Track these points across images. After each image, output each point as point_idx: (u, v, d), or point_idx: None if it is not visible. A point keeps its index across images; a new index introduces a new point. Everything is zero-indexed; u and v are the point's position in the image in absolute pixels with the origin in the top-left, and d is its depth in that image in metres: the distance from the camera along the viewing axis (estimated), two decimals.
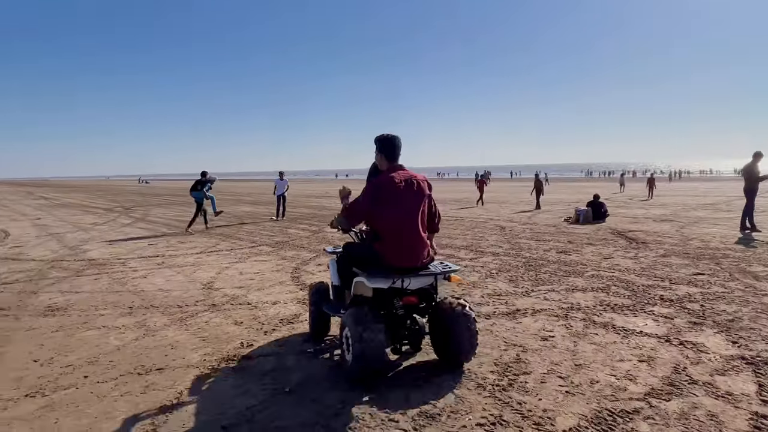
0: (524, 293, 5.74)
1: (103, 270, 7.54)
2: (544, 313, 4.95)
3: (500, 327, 4.52)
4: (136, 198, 31.01)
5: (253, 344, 4.18)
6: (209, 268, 7.60)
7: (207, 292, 6.05)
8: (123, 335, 4.46)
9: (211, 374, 3.57)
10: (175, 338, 4.35)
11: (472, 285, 6.19)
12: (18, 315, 5.18)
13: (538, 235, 10.87)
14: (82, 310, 5.30)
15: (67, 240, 11.16)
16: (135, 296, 5.88)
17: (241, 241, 10.62)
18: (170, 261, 8.24)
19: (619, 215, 15.04)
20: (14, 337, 4.46)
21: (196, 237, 11.40)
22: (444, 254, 8.47)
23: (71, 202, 27.82)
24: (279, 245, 9.88)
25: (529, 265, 7.36)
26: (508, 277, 6.62)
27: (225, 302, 5.54)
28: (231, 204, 23.46)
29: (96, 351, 4.07)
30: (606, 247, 9.04)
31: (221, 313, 5.11)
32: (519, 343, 4.11)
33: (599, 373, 3.49)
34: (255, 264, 7.88)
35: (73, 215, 18.31)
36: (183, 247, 9.87)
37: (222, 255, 8.78)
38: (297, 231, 12.26)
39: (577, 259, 7.86)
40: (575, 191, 31.60)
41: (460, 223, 13.67)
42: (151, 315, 5.09)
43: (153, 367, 3.71)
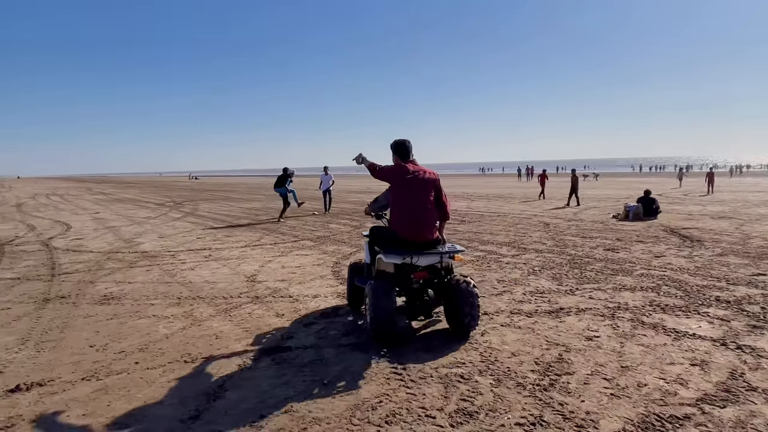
0: (568, 291, 5.57)
1: (155, 262, 7.89)
2: (589, 312, 4.78)
3: (542, 326, 4.40)
4: (186, 193, 32.26)
5: (293, 336, 4.26)
6: (253, 261, 7.80)
7: (250, 284, 6.21)
8: (171, 324, 4.65)
9: (253, 364, 3.67)
10: (219, 328, 4.50)
11: (513, 282, 6.06)
12: (77, 303, 5.49)
13: (585, 231, 10.52)
14: (134, 300, 5.56)
15: (122, 233, 11.74)
16: (183, 287, 6.12)
17: (284, 235, 10.85)
18: (216, 254, 8.52)
19: (673, 212, 14.34)
20: (73, 324, 4.74)
21: (242, 231, 11.74)
22: (485, 250, 8.34)
23: (127, 197, 29.26)
24: (320, 240, 10.02)
25: (574, 263, 7.13)
26: (552, 274, 6.44)
27: (267, 295, 5.68)
28: (275, 199, 23.96)
29: (146, 339, 4.26)
30: (657, 244, 8.64)
31: (263, 305, 5.24)
32: (562, 342, 3.99)
33: (647, 375, 3.34)
34: (297, 258, 8.02)
35: (128, 210, 19.24)
36: (229, 240, 10.18)
37: (265, 249, 9.00)
38: (338, 226, 12.39)
39: (625, 257, 7.55)
40: (624, 187, 30.35)
41: (503, 219, 13.41)
42: (197, 306, 5.28)
43: (198, 355, 3.85)
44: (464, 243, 9.24)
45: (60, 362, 3.78)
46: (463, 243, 9.25)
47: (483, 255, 7.95)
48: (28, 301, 5.57)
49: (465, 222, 12.75)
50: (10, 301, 5.61)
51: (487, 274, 6.56)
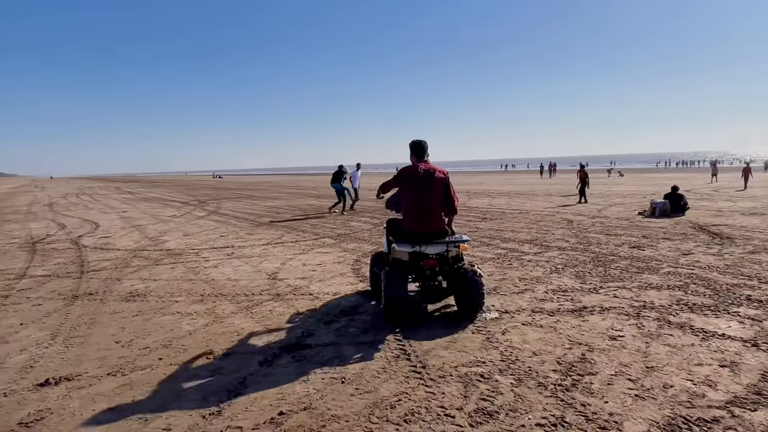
0: (592, 290, 5.46)
1: (179, 259, 8.04)
2: (613, 311, 4.68)
3: (565, 324, 4.33)
4: (210, 192, 32.79)
5: (314, 334, 4.28)
6: (274, 259, 7.88)
7: (272, 282, 6.28)
8: (194, 321, 4.74)
9: (274, 361, 3.70)
10: (241, 325, 4.56)
11: (535, 280, 5.98)
12: (104, 299, 5.64)
13: (609, 228, 10.31)
14: (159, 297, 5.68)
15: (148, 231, 12.00)
16: (206, 285, 6.22)
17: (305, 233, 10.92)
18: (239, 252, 8.64)
19: (702, 208, 13.94)
20: (100, 320, 4.87)
21: (264, 229, 11.87)
22: (507, 248, 8.25)
23: (153, 196, 29.91)
24: (341, 238, 10.06)
25: (598, 261, 6.99)
26: (575, 272, 6.33)
27: (288, 292, 5.73)
28: (297, 198, 24.22)
29: (170, 335, 4.35)
30: (685, 242, 8.41)
31: (284, 303, 5.29)
32: (585, 341, 3.92)
33: (674, 377, 3.25)
34: (317, 256, 8.07)
35: (154, 208, 19.66)
36: (251, 238, 10.31)
37: (287, 246, 9.08)
38: (358, 224, 12.42)
39: (651, 254, 7.37)
40: (651, 183, 29.64)
41: (525, 216, 13.24)
42: (220, 303, 5.36)
43: (220, 352, 3.91)
44: (485, 240, 9.16)
45: (87, 357, 3.89)
46: (484, 240, 9.17)
47: (504, 252, 7.86)
48: (58, 298, 5.74)
49: (486, 219, 12.63)
50: (41, 297, 5.79)
51: (509, 272, 6.49)
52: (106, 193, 34.20)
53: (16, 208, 21.15)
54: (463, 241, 4.63)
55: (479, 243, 8.88)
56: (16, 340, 4.34)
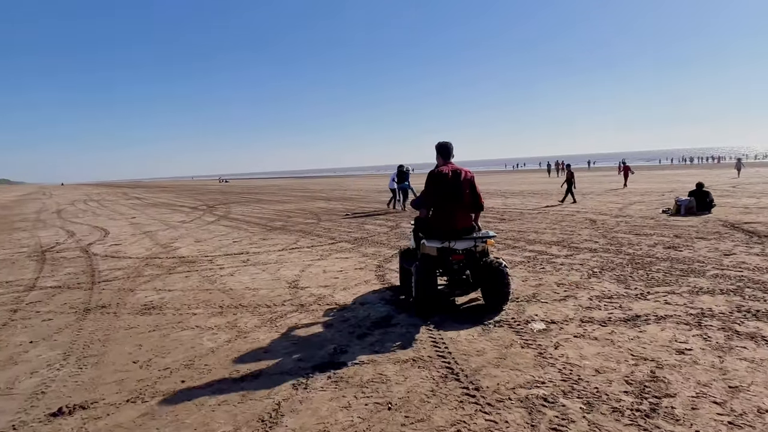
0: (639, 296, 5.08)
1: (193, 267, 7.72)
2: (670, 320, 4.30)
3: (621, 336, 3.95)
4: (218, 196, 32.57)
5: (347, 350, 3.93)
6: (292, 265, 7.54)
7: (293, 291, 5.93)
8: (216, 336, 4.40)
9: (308, 384, 3.35)
10: (266, 341, 4.21)
11: (574, 285, 5.59)
12: (118, 313, 5.31)
13: (636, 228, 9.89)
14: (175, 309, 5.35)
15: (158, 238, 11.71)
16: (224, 295, 5.88)
17: (321, 237, 10.58)
18: (254, 258, 8.31)
19: (726, 205, 13.47)
20: (114, 336, 4.54)
21: (277, 234, 11.54)
22: (535, 251, 7.87)
23: (160, 201, 29.71)
24: (358, 242, 9.71)
25: (636, 263, 6.60)
26: (615, 276, 5.94)
27: (312, 302, 5.38)
28: (306, 201, 23.90)
29: (191, 353, 4.01)
30: (722, 241, 7.99)
31: (310, 314, 4.94)
32: (650, 356, 3.54)
33: (765, 398, 2.87)
34: (337, 261, 7.73)
35: (163, 214, 19.40)
36: (265, 244, 9.98)
37: (303, 252, 8.74)
38: (374, 227, 12.07)
39: (690, 255, 6.97)
40: (663, 180, 29.11)
41: (545, 216, 12.85)
42: (241, 315, 5.02)
43: (248, 372, 3.56)
44: (510, 242, 8.79)
45: (103, 381, 3.55)
46: (508, 242, 8.80)
47: (533, 255, 7.48)
48: (69, 312, 5.42)
49: (505, 220, 12.25)
50: (51, 311, 5.47)
51: (543, 276, 6.11)
52: (114, 199, 34.05)
53: (24, 216, 20.96)
54: (490, 237, 4.87)
55: (504, 245, 8.50)
56: (26, 361, 4.02)
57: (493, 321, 4.45)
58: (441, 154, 5.02)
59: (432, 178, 4.89)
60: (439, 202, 4.86)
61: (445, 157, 5.00)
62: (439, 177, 4.85)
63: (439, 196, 4.83)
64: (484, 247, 4.86)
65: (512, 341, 3.94)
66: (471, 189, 4.88)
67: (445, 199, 4.81)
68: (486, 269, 4.73)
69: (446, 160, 4.99)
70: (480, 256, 4.85)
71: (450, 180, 4.82)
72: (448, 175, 4.83)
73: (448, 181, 4.81)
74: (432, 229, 4.88)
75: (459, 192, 4.80)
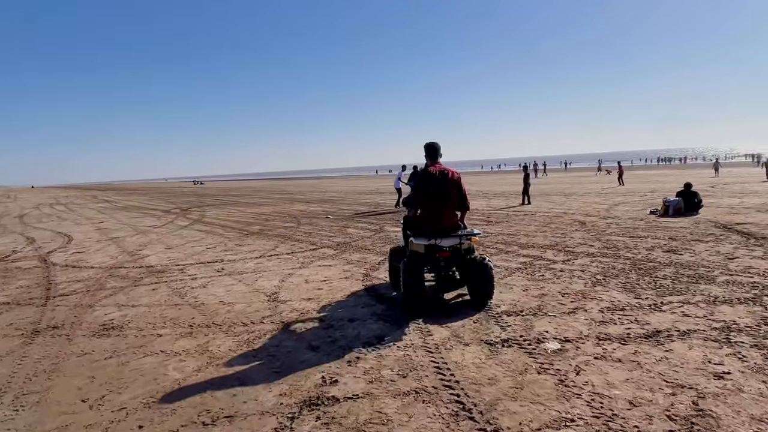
0: (652, 306, 4.67)
1: (162, 278, 7.05)
2: (694, 335, 3.88)
3: (647, 357, 3.51)
4: (192, 199, 31.47)
5: (338, 379, 3.38)
6: (271, 275, 6.94)
7: (273, 305, 5.35)
8: (184, 364, 3.79)
9: (293, 426, 2.80)
10: (242, 369, 3.63)
11: (580, 295, 5.17)
12: (71, 334, 4.65)
13: (629, 230, 9.59)
14: (138, 329, 4.71)
15: (126, 244, 10.92)
16: (195, 311, 5.27)
17: (301, 243, 9.98)
18: (230, 267, 7.67)
19: (711, 205, 13.34)
20: (64, 365, 3.89)
21: (254, 239, 10.88)
22: (529, 255, 7.45)
23: (131, 204, 28.53)
24: (341, 247, 9.15)
25: (639, 268, 6.23)
26: (620, 283, 5.54)
27: (294, 319, 4.81)
28: (284, 203, 23.18)
29: (153, 387, 3.40)
30: (720, 244, 7.71)
31: (292, 334, 4.37)
32: (686, 382, 3.10)
33: None
34: (320, 270, 7.16)
35: (133, 218, 18.46)
36: (242, 250, 9.32)
37: (283, 259, 8.14)
38: (356, 231, 11.52)
39: (693, 259, 6.63)
40: (641, 180, 29.29)
41: (532, 218, 12.50)
42: (213, 336, 4.43)
43: (220, 413, 2.98)
44: (501, 246, 8.35)
45: (42, 427, 2.93)
46: (500, 246, 8.36)
47: (529, 261, 7.05)
48: (14, 334, 4.74)
49: (492, 222, 11.85)
50: None
51: (545, 285, 5.67)
52: (82, 203, 32.63)
53: None
54: (474, 234, 5.03)
55: (496, 250, 8.06)
56: None
57: (500, 340, 3.96)
58: (428, 154, 5.14)
59: (420, 178, 5.03)
60: (426, 202, 4.98)
61: (433, 157, 5.12)
62: (426, 177, 4.97)
63: (426, 196, 4.96)
64: (470, 244, 5.04)
65: (526, 365, 3.46)
66: (457, 189, 5.04)
67: (432, 198, 4.94)
68: (471, 265, 4.91)
69: (434, 161, 5.12)
70: (465, 254, 5.01)
71: (437, 180, 4.95)
72: (435, 175, 4.96)
73: (435, 181, 4.95)
74: (420, 227, 5.03)
75: (446, 192, 4.96)
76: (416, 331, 4.28)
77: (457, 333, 4.19)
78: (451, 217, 5.06)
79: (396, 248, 5.79)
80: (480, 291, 4.89)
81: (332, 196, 27.11)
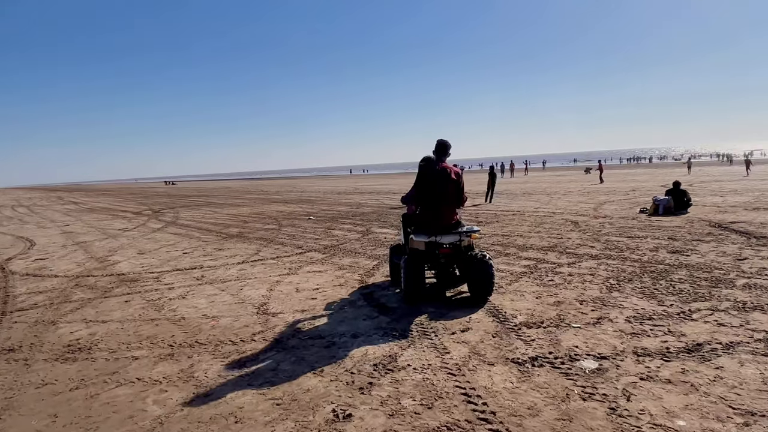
0: (681, 314, 4.32)
1: (135, 288, 6.39)
2: (740, 348, 3.52)
3: (699, 377, 3.12)
4: (165, 200, 30.29)
5: (352, 413, 2.88)
6: (258, 283, 6.37)
7: (263, 318, 4.80)
8: (165, 395, 3.23)
9: None
10: (237, 402, 3.09)
11: (599, 302, 4.78)
12: (29, 359, 4.01)
13: (624, 230, 9.34)
14: (110, 351, 4.11)
15: (94, 250, 10.13)
16: (175, 326, 4.68)
17: (285, 246, 9.39)
18: (210, 274, 7.05)
19: (698, 204, 13.28)
20: (19, 400, 3.27)
21: (234, 243, 10.23)
22: (531, 258, 7.07)
23: (100, 206, 27.24)
24: (329, 251, 8.61)
25: (650, 272, 5.90)
26: (637, 289, 5.19)
27: (290, 335, 4.28)
28: (262, 204, 22.42)
29: (129, 429, 2.83)
30: (723, 244, 7.48)
31: (290, 354, 3.84)
32: (754, 408, 2.71)
33: None
34: (310, 276, 6.61)
35: (102, 220, 17.47)
36: (222, 255, 8.69)
37: (268, 265, 7.55)
38: (342, 232, 10.99)
39: (702, 261, 6.35)
40: (619, 179, 29.56)
41: (521, 217, 12.20)
42: (198, 358, 3.86)
43: None
44: (499, 248, 7.97)
45: None
46: (497, 248, 7.97)
47: (533, 264, 6.66)
48: None
49: (482, 223, 11.49)
50: None
51: (557, 291, 5.28)
52: (47, 204, 31.08)
53: None
54: (474, 231, 5.08)
55: (494, 252, 7.66)
56: None
57: (528, 358, 3.52)
58: (438, 151, 5.14)
59: (421, 176, 5.06)
60: (426, 199, 5.03)
61: (441, 154, 5.14)
62: (428, 174, 5.02)
63: (427, 193, 5.01)
64: (469, 241, 5.06)
65: (566, 390, 3.02)
66: (455, 185, 5.04)
67: (432, 196, 4.98)
68: (471, 262, 4.90)
69: (440, 158, 5.14)
70: (465, 250, 5.04)
71: (438, 178, 4.99)
72: (437, 173, 5.00)
73: (436, 179, 4.99)
74: (420, 224, 5.07)
75: (445, 190, 4.99)
76: (430, 348, 3.80)
77: (478, 350, 3.74)
78: (451, 215, 5.06)
79: (396, 246, 5.89)
80: (480, 288, 4.89)
81: (311, 196, 26.46)
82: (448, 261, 5.09)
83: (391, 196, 23.40)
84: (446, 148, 5.14)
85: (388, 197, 22.93)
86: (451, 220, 5.05)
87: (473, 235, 5.07)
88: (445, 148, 5.14)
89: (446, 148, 5.14)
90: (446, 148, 5.14)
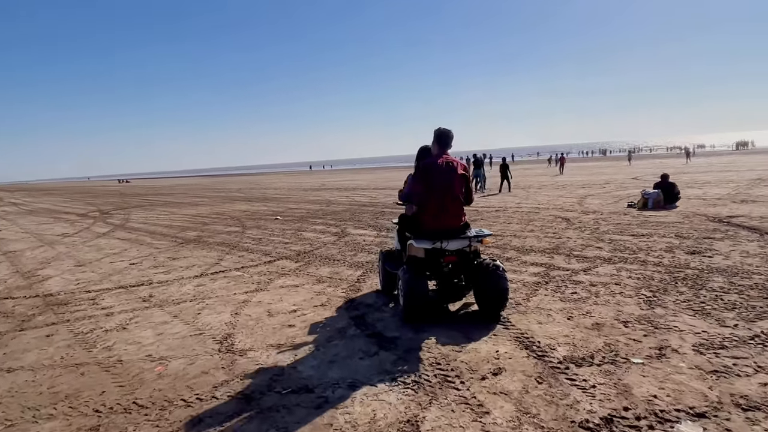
0: (756, 339, 3.48)
1: (63, 315, 5.10)
2: None
3: None
4: (116, 200, 28.09)
5: None
6: (219, 304, 5.20)
7: (228, 359, 3.67)
8: None
9: None
10: None
11: (648, 324, 3.90)
12: None
13: (622, 227, 8.64)
14: (5, 425, 2.90)
15: (23, 261, 8.62)
16: (107, 376, 3.49)
17: (251, 253, 8.18)
18: (161, 293, 5.81)
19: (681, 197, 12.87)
20: None
21: (191, 249, 8.93)
22: (538, 263, 6.18)
23: (42, 207, 24.89)
24: (303, 258, 7.49)
25: (682, 279, 5.12)
26: (682, 302, 4.36)
27: (265, 387, 3.18)
28: (223, 202, 20.89)
29: None
30: (739, 242, 6.82)
31: (265, 418, 2.75)
32: None
33: None
34: (284, 293, 5.49)
35: (41, 224, 15.62)
36: (176, 266, 7.41)
37: (231, 278, 6.37)
38: (315, 234, 9.86)
39: (732, 264, 5.63)
40: (587, 173, 29.55)
41: (505, 214, 11.42)
42: (134, 431, 2.71)
43: None
44: (497, 251, 7.08)
45: None
46: (495, 251, 7.07)
47: (543, 271, 5.77)
48: None
49: None
50: None
51: (587, 307, 4.39)
52: None
53: None
54: (486, 235, 4.36)
55: (494, 256, 6.74)
56: None
57: (599, 420, 2.56)
58: (439, 142, 4.38)
59: (423, 170, 4.29)
60: (430, 197, 4.24)
61: (443, 145, 4.39)
62: (431, 168, 4.26)
63: (430, 190, 4.23)
64: (476, 246, 4.42)
65: None
66: (465, 182, 4.38)
67: (437, 193, 4.21)
68: (480, 271, 4.21)
69: (442, 149, 4.38)
70: (473, 257, 4.39)
71: (444, 172, 4.24)
72: (442, 167, 4.25)
73: (441, 174, 4.23)
74: (421, 227, 4.31)
75: (452, 186, 4.24)
76: (461, 406, 2.79)
77: (525, 406, 2.75)
78: (460, 216, 4.34)
79: (389, 252, 5.14)
80: (492, 301, 4.17)
81: (275, 194, 25.06)
82: (454, 270, 4.36)
83: (360, 192, 22.35)
84: (449, 139, 4.40)
85: (357, 193, 21.88)
86: (458, 223, 4.31)
87: (485, 239, 4.40)
88: (449, 138, 4.39)
89: (449, 139, 4.40)
90: (449, 139, 4.40)
